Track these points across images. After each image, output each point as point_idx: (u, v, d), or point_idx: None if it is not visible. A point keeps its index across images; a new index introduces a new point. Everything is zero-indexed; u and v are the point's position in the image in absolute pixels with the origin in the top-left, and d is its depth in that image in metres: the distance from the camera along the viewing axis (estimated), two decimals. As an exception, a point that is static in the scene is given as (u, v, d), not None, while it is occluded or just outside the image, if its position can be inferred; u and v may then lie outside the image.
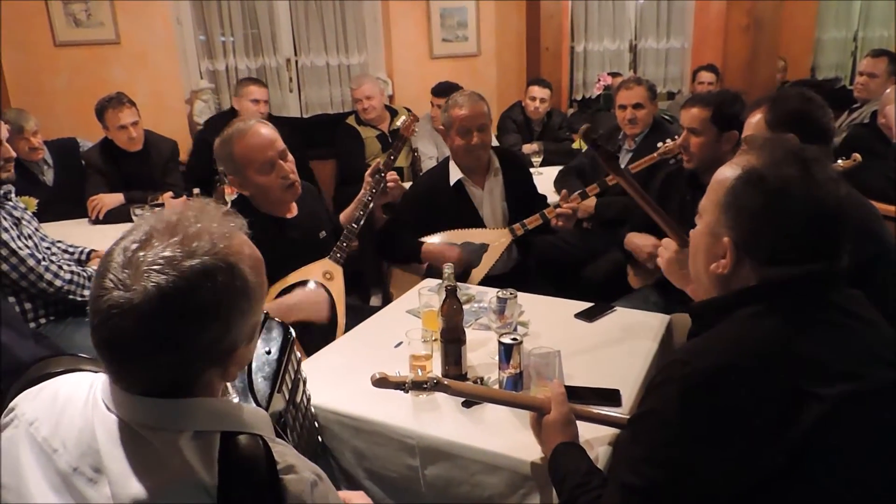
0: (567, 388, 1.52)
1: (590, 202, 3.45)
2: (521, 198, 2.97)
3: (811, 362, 1.04)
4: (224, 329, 0.90)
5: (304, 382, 1.62)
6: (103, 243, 3.00)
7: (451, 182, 2.88)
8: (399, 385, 1.49)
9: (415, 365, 1.77)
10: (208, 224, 0.92)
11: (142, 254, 0.88)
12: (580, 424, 1.46)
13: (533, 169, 4.24)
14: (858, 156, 2.51)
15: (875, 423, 1.05)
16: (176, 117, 4.67)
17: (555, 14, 5.61)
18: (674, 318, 2.16)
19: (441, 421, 1.63)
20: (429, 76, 5.19)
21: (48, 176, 3.65)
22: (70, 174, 3.70)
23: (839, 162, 2.59)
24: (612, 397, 1.68)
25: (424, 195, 2.95)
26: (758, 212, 1.12)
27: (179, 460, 0.87)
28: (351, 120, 4.71)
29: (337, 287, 2.37)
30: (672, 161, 2.97)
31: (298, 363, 1.59)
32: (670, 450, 1.05)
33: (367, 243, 3.20)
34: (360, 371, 1.62)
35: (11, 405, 1.01)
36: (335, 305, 2.34)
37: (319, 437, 1.70)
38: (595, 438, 1.52)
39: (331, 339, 2.27)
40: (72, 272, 2.62)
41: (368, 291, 3.89)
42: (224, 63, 4.92)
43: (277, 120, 4.50)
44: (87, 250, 2.92)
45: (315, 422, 1.69)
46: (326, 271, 2.38)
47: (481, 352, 1.96)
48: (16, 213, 2.57)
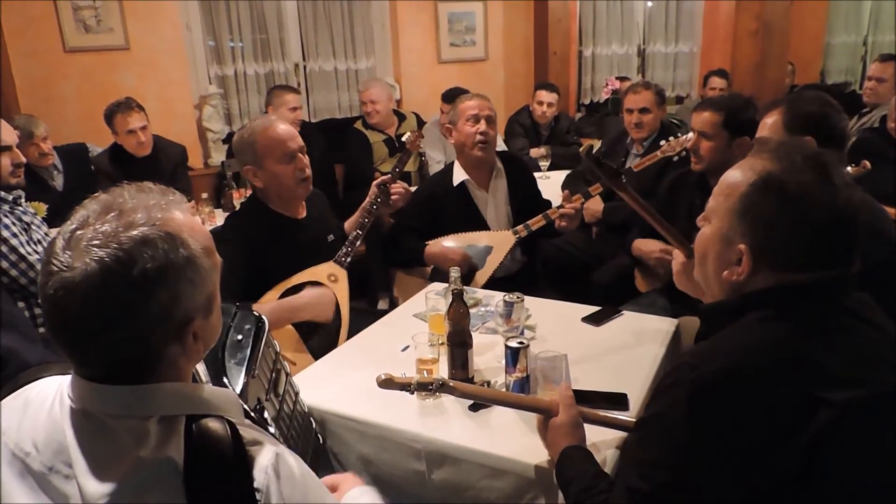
0: (574, 392, 1.51)
1: (597, 207, 3.44)
2: (525, 201, 2.97)
3: (821, 367, 1.03)
4: (172, 297, 0.90)
5: (288, 374, 1.61)
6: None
7: (455, 183, 2.88)
8: (404, 386, 1.49)
9: (421, 368, 1.77)
10: (145, 200, 0.93)
11: (80, 232, 0.88)
12: (588, 428, 1.46)
13: (540, 173, 4.25)
14: (868, 163, 2.50)
15: (885, 429, 1.04)
16: (185, 122, 4.70)
17: (563, 18, 5.61)
18: (681, 322, 2.15)
19: (447, 425, 1.63)
20: (437, 80, 5.20)
21: (58, 181, 3.67)
22: (80, 179, 3.72)
23: (849, 169, 2.57)
24: (620, 401, 1.67)
25: (428, 198, 2.95)
26: (776, 219, 1.10)
27: (146, 446, 0.88)
28: (359, 124, 4.73)
29: (341, 290, 2.39)
30: (675, 158, 2.96)
31: (277, 355, 1.58)
32: (678, 454, 1.04)
33: (375, 248, 3.21)
34: (367, 375, 1.61)
35: None
36: (339, 308, 2.36)
37: (320, 438, 1.69)
38: (602, 442, 1.51)
39: (334, 342, 2.29)
40: (80, 277, 2.63)
41: (376, 295, 3.89)
42: (233, 68, 4.95)
43: (308, 125, 4.59)
44: (96, 255, 2.92)
45: (310, 418, 1.68)
46: (331, 274, 2.40)
47: (488, 356, 1.96)
48: (25, 219, 2.58)
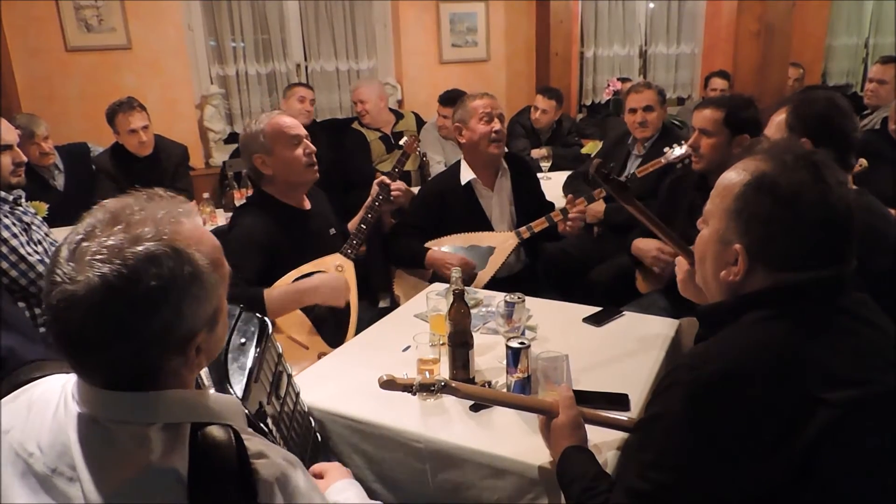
0: (575, 393, 1.51)
1: (598, 207, 3.44)
2: (529, 201, 2.98)
3: (819, 367, 1.03)
4: (175, 315, 0.89)
5: (290, 377, 1.62)
6: (113, 247, 3.05)
7: (463, 182, 2.89)
8: (407, 387, 1.49)
9: (422, 369, 1.77)
10: (153, 211, 0.92)
11: (85, 244, 0.87)
12: (589, 429, 1.46)
13: (542, 174, 4.25)
14: (864, 161, 2.50)
15: (884, 429, 1.04)
16: (186, 122, 4.70)
17: (564, 19, 5.61)
18: (682, 323, 2.15)
19: (449, 425, 1.63)
20: (438, 81, 5.21)
21: (59, 181, 3.67)
22: (81, 179, 3.72)
23: None
24: (621, 402, 1.67)
25: (435, 197, 2.96)
26: (770, 218, 1.11)
27: (149, 453, 0.87)
28: (356, 124, 4.75)
29: (349, 278, 2.45)
30: (679, 166, 2.97)
31: (280, 357, 1.58)
32: (677, 454, 1.04)
33: (376, 247, 3.21)
34: (368, 375, 1.61)
35: None
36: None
37: (318, 436, 1.69)
38: (604, 443, 1.51)
39: (345, 328, 2.35)
40: (81, 277, 2.63)
41: (377, 294, 3.89)
42: (234, 68, 4.96)
43: (314, 124, 4.62)
44: (97, 255, 2.92)
45: (310, 418, 1.68)
46: (338, 265, 2.48)
47: (489, 356, 1.96)
48: (26, 219, 2.58)
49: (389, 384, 1.48)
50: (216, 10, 4.81)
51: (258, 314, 1.55)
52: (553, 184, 3.98)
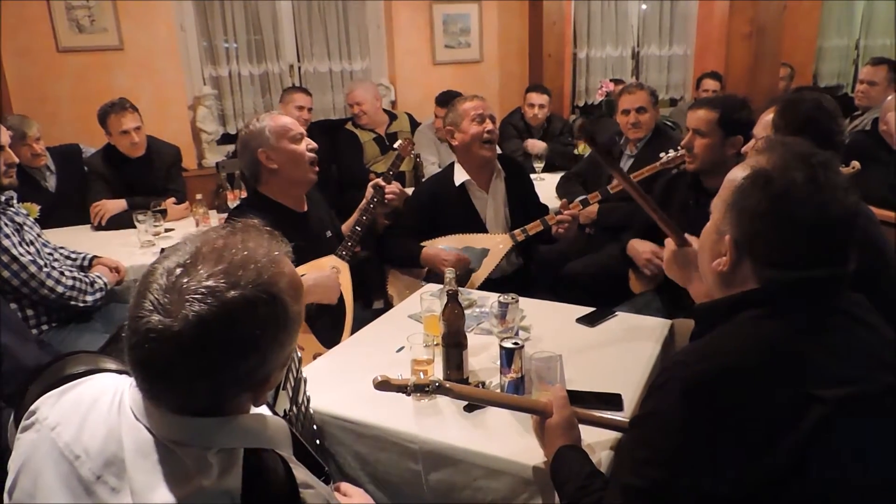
0: (569, 393, 1.52)
1: (592, 208, 3.45)
2: (523, 204, 2.98)
3: (813, 365, 1.04)
4: (261, 360, 0.90)
5: (304, 382, 1.62)
6: (105, 249, 3.05)
7: (457, 184, 2.89)
8: (401, 388, 1.49)
9: (416, 369, 1.77)
10: (254, 251, 0.91)
11: (185, 280, 0.86)
12: (582, 429, 1.46)
13: (535, 175, 4.26)
14: (857, 163, 2.51)
15: (876, 427, 1.05)
16: (179, 123, 4.68)
17: (557, 20, 5.62)
18: (675, 323, 2.16)
19: (443, 426, 1.63)
20: (431, 82, 5.21)
21: (50, 182, 3.65)
22: (72, 180, 3.70)
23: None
24: (614, 401, 1.67)
25: (429, 198, 2.96)
26: (759, 213, 1.12)
27: (208, 475, 0.87)
28: (349, 125, 4.75)
29: (344, 279, 2.48)
30: (674, 170, 2.98)
31: (299, 361, 1.59)
32: (672, 451, 1.05)
33: (370, 249, 3.21)
34: (362, 376, 1.61)
35: (32, 408, 1.00)
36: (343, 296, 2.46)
37: (318, 440, 1.69)
38: (597, 443, 1.51)
39: (340, 329, 2.38)
40: (73, 278, 2.63)
41: (371, 296, 3.89)
42: (227, 69, 4.94)
43: (312, 126, 4.63)
44: (90, 256, 2.92)
45: (313, 423, 1.69)
46: (334, 266, 2.49)
47: (483, 356, 1.96)
48: (18, 220, 2.58)
49: (384, 385, 1.48)
50: (209, 11, 4.80)
51: None
52: (546, 184, 3.99)
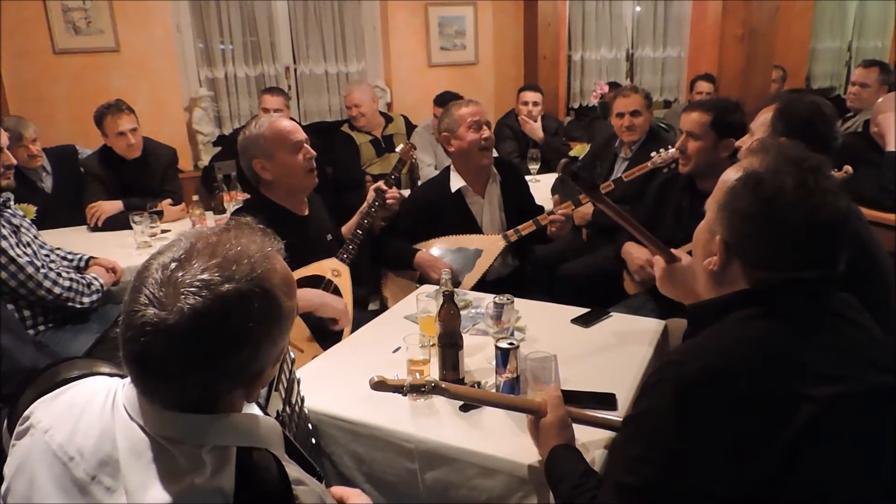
0: (563, 392, 1.53)
1: (587, 209, 3.46)
2: (518, 206, 2.99)
3: (803, 364, 1.06)
4: (254, 354, 0.91)
5: (298, 383, 1.63)
6: (102, 250, 3.05)
7: (453, 190, 2.90)
8: (397, 388, 1.50)
9: (412, 370, 1.78)
10: (247, 246, 0.93)
11: (180, 274, 0.87)
12: (577, 428, 1.48)
13: (530, 176, 4.27)
14: (850, 168, 2.54)
15: (865, 426, 1.06)
16: (175, 125, 4.69)
17: (552, 23, 5.65)
18: (669, 324, 2.17)
19: (439, 425, 1.64)
20: (427, 84, 5.23)
21: (47, 183, 3.66)
22: (69, 181, 3.70)
23: (832, 173, 2.61)
24: (608, 401, 1.69)
25: (424, 204, 2.97)
26: (748, 214, 1.14)
27: (201, 473, 0.88)
28: (345, 127, 4.75)
29: (344, 282, 2.49)
30: (665, 171, 3.01)
31: (292, 363, 1.60)
32: (665, 449, 1.06)
33: (365, 250, 3.22)
34: (358, 376, 1.63)
35: (27, 413, 1.00)
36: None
37: (313, 440, 1.71)
38: (591, 442, 1.53)
39: (340, 331, 2.39)
40: (70, 279, 2.63)
41: (367, 298, 3.90)
42: (223, 71, 4.95)
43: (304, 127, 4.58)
44: (86, 257, 2.92)
45: (308, 423, 1.70)
46: (335, 269, 2.50)
47: (478, 356, 1.98)
48: (14, 221, 2.58)
49: (380, 385, 1.50)
50: (205, 13, 4.80)
51: None
52: (542, 186, 4.01)
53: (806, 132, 1.84)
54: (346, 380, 1.83)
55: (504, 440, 1.56)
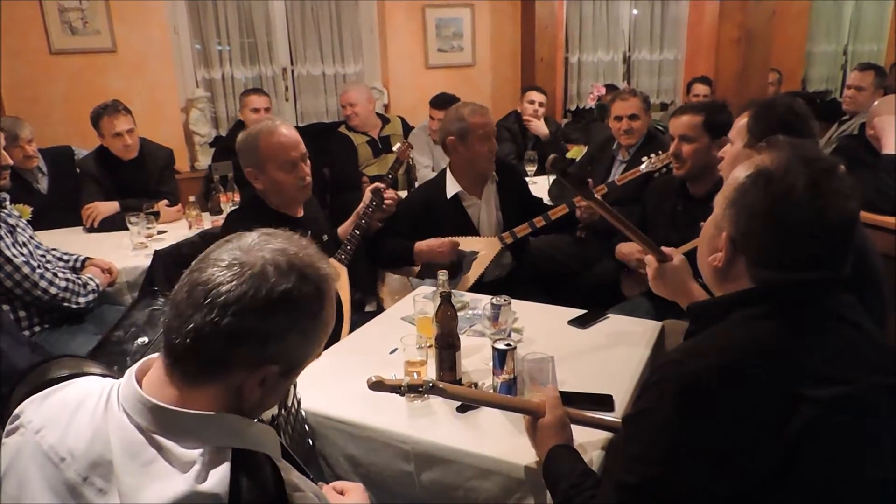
0: (560, 393, 1.54)
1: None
2: (516, 206, 2.99)
3: (804, 365, 1.06)
4: (280, 330, 0.93)
5: (295, 386, 1.63)
6: (98, 251, 3.05)
7: (449, 195, 2.89)
8: (395, 388, 1.50)
9: (410, 371, 1.78)
10: (314, 256, 1.02)
11: (254, 249, 0.96)
12: (574, 429, 1.48)
13: (527, 178, 4.27)
14: (843, 169, 2.55)
15: (865, 427, 1.06)
16: (172, 126, 4.68)
17: (549, 25, 5.66)
18: (666, 325, 2.18)
19: (436, 426, 1.64)
20: (424, 86, 5.23)
21: (43, 184, 3.65)
22: (65, 182, 3.69)
23: None
24: (605, 402, 1.69)
25: (421, 207, 2.95)
26: (756, 213, 1.13)
27: (195, 475, 0.87)
28: (343, 128, 4.76)
29: (342, 284, 2.47)
30: (657, 175, 3.01)
31: None
32: (664, 448, 1.06)
33: (362, 252, 3.23)
34: (355, 377, 1.62)
35: (17, 412, 0.99)
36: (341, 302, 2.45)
37: (310, 441, 1.70)
38: (589, 443, 1.53)
39: (338, 332, 2.35)
40: (66, 279, 2.63)
41: (363, 299, 3.90)
42: (220, 72, 4.95)
43: (301, 129, 4.57)
44: (82, 258, 2.92)
45: (305, 425, 1.69)
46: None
47: (476, 358, 1.98)
48: (10, 221, 2.57)
49: (378, 385, 1.49)
50: (202, 13, 4.80)
51: None
52: (539, 188, 4.01)
53: (783, 133, 1.85)
54: (343, 380, 1.82)
55: (501, 441, 1.56)
